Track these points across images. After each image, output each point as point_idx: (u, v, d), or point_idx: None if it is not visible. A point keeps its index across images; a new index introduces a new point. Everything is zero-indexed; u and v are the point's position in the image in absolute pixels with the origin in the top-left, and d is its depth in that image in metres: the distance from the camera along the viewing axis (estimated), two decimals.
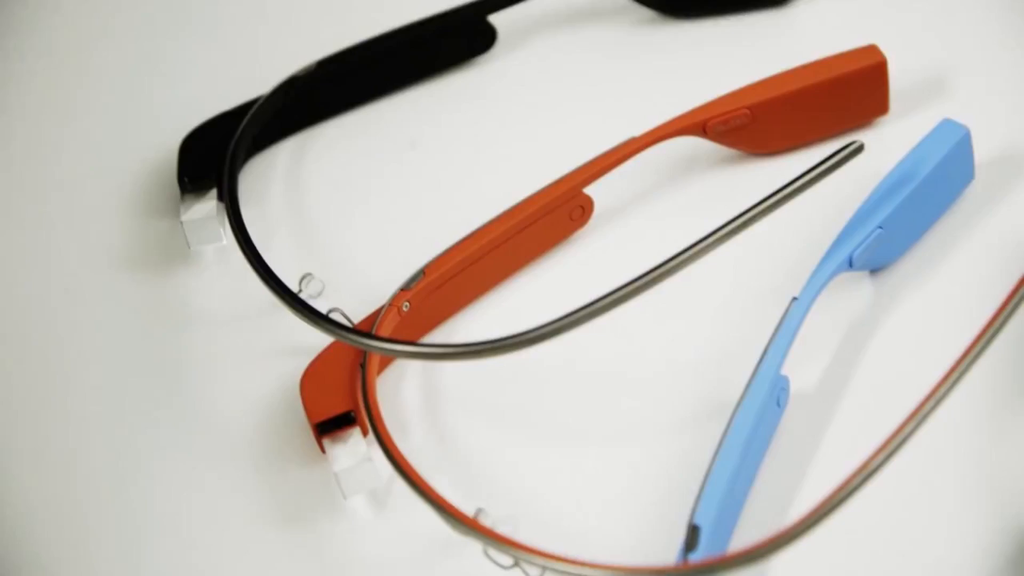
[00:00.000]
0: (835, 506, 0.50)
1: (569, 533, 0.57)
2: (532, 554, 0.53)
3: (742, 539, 0.55)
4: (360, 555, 0.58)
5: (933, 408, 0.51)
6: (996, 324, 0.53)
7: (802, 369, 0.61)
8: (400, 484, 0.57)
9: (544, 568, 0.53)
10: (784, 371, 0.59)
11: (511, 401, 0.62)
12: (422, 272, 0.62)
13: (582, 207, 0.66)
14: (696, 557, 0.53)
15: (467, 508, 0.55)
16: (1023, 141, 0.68)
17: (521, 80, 0.74)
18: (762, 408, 0.57)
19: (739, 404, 0.57)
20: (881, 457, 0.50)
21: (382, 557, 0.58)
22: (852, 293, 0.64)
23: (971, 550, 0.56)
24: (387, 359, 0.62)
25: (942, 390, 0.51)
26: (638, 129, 0.67)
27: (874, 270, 0.64)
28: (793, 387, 0.60)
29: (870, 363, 0.62)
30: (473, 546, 0.55)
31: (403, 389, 0.63)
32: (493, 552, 0.54)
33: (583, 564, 0.52)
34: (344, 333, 0.59)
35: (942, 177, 0.64)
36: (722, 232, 0.57)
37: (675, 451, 0.59)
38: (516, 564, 0.55)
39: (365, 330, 0.61)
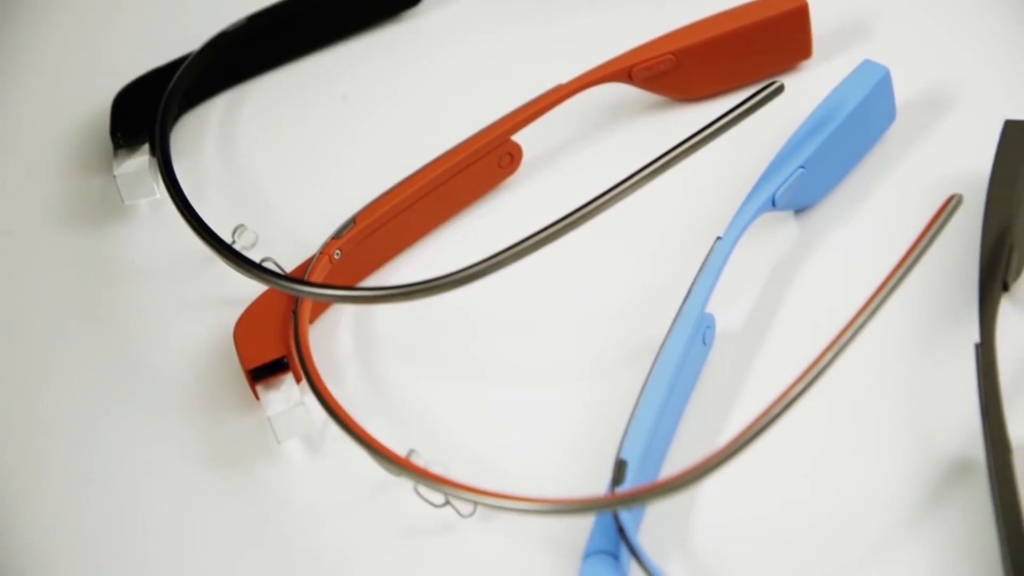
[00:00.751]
0: (755, 435, 0.50)
1: (501, 473, 0.57)
2: (462, 490, 0.53)
3: (670, 473, 0.56)
4: (295, 498, 0.59)
5: (850, 339, 0.52)
6: (911, 257, 0.54)
7: (728, 308, 0.62)
8: (334, 429, 0.57)
9: (475, 503, 0.54)
10: (710, 310, 0.59)
11: (443, 346, 0.63)
12: (353, 220, 0.63)
13: (511, 154, 0.66)
14: (623, 490, 0.53)
15: (400, 450, 0.56)
16: (944, 81, 0.68)
17: (450, 32, 0.75)
18: (687, 345, 0.57)
19: (664, 342, 0.58)
20: (800, 386, 0.51)
21: (317, 500, 0.58)
22: (777, 233, 0.64)
23: (895, 479, 0.57)
24: (320, 307, 0.63)
25: (859, 321, 0.52)
26: (566, 77, 0.67)
27: (799, 210, 0.65)
28: (720, 325, 0.60)
29: (795, 301, 0.62)
30: (406, 487, 0.56)
31: (337, 336, 0.63)
32: (424, 491, 0.55)
33: (512, 498, 0.52)
34: (275, 280, 0.59)
35: (863, 117, 0.64)
36: (644, 173, 0.57)
37: (604, 390, 0.60)
38: (447, 503, 0.55)
39: (297, 277, 0.61)
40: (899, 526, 0.55)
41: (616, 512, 0.53)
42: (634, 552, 0.52)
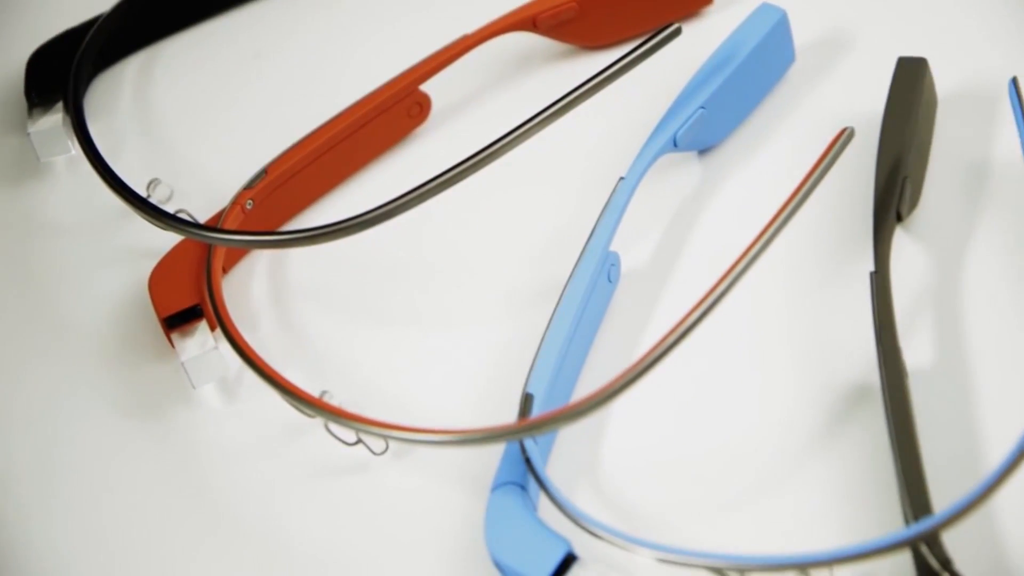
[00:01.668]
0: (650, 364, 0.51)
1: (414, 412, 0.58)
2: (372, 425, 0.54)
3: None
4: (212, 442, 0.59)
5: (744, 268, 0.52)
6: (804, 189, 0.55)
7: (634, 247, 0.62)
8: (249, 375, 0.57)
9: (385, 439, 0.54)
10: (616, 249, 0.60)
11: (357, 291, 0.64)
12: (264, 171, 0.63)
13: (419, 104, 0.67)
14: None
15: (313, 392, 0.56)
16: (841, 23, 0.69)
17: None
18: (592, 282, 0.58)
19: (569, 280, 0.58)
20: (695, 315, 0.52)
21: (233, 443, 0.59)
22: (681, 173, 0.65)
23: (796, 405, 0.58)
24: (235, 256, 0.63)
25: (753, 251, 0.53)
26: (472, 28, 0.67)
27: (702, 151, 0.65)
28: (626, 264, 0.61)
29: (699, 238, 0.63)
30: (321, 429, 0.57)
31: (252, 286, 0.64)
32: (337, 429, 0.55)
33: (420, 431, 0.53)
34: (187, 229, 0.59)
35: (762, 59, 0.65)
36: (544, 116, 0.58)
37: (514, 329, 0.60)
38: (359, 441, 0.56)
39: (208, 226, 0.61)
40: (800, 449, 0.56)
41: (522, 444, 0.53)
42: (540, 481, 0.52)
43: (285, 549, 0.56)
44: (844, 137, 0.56)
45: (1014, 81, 0.58)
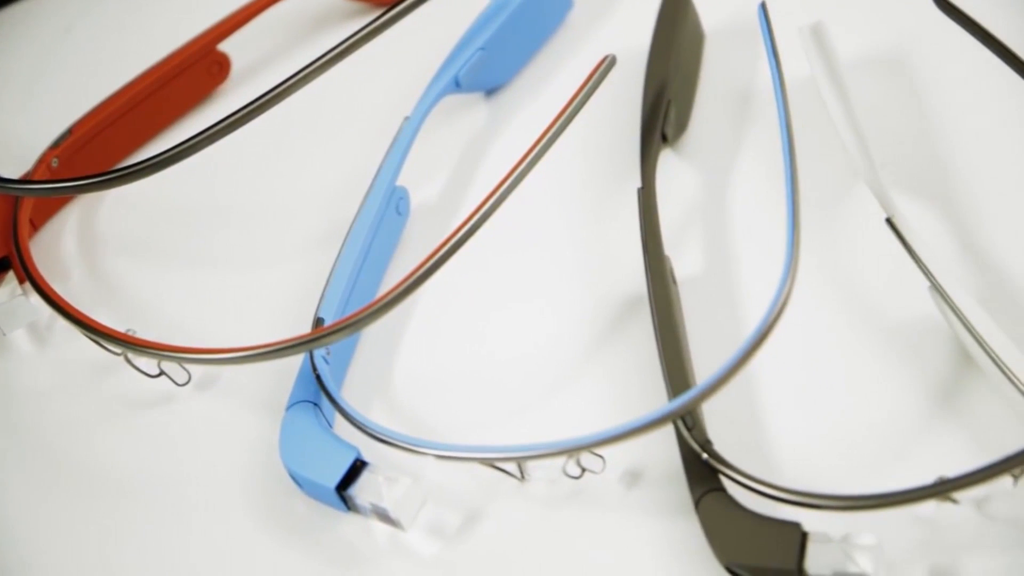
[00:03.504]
0: (421, 277, 0.53)
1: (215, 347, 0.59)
2: (169, 351, 0.55)
3: (374, 327, 0.58)
4: (24, 386, 0.60)
5: (510, 188, 0.54)
6: (568, 112, 0.57)
7: (425, 183, 0.64)
8: (61, 322, 0.59)
9: (181, 362, 0.56)
10: (406, 184, 0.62)
11: (160, 238, 0.65)
12: (69, 131, 0.65)
13: (219, 63, 0.69)
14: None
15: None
16: None
17: None
18: (379, 215, 0.60)
19: (357, 213, 0.60)
20: (463, 231, 0.53)
21: (45, 385, 0.60)
22: (470, 113, 0.67)
23: (574, 316, 0.60)
24: (45, 211, 0.65)
25: (518, 171, 0.55)
26: None
27: (489, 92, 0.68)
28: (417, 199, 0.63)
29: (485, 173, 0.65)
30: (128, 367, 0.58)
31: (63, 239, 0.65)
32: (140, 363, 0.56)
33: (214, 351, 0.55)
34: None
35: (538, 4, 0.68)
36: (327, 58, 0.59)
37: (308, 264, 0.62)
38: (161, 373, 0.57)
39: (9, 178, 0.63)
40: (579, 358, 0.58)
41: (313, 363, 0.55)
42: (327, 392, 0.54)
43: (98, 480, 0.57)
44: (605, 64, 0.58)
45: (763, 7, 0.60)
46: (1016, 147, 0.61)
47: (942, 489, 0.47)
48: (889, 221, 0.55)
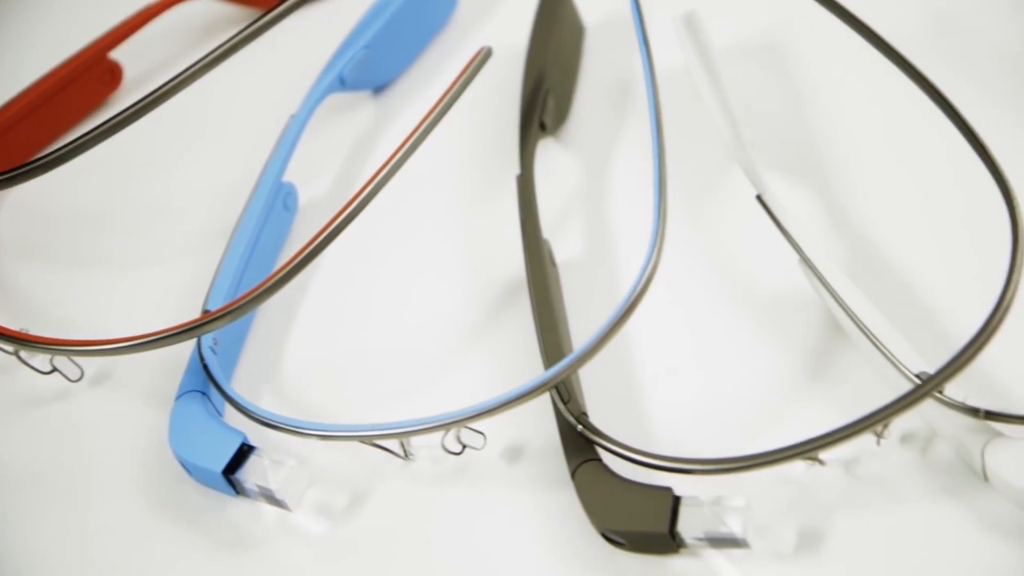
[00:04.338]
0: (299, 266, 0.54)
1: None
2: (57, 344, 0.56)
3: (263, 319, 0.60)
4: None
5: (386, 177, 0.55)
6: (443, 103, 0.58)
7: (313, 179, 0.65)
8: None
9: (70, 355, 0.56)
10: (295, 181, 0.63)
11: (55, 240, 0.66)
12: None
13: (111, 72, 0.70)
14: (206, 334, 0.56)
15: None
16: None
17: None
18: (266, 210, 0.61)
19: (244, 208, 0.61)
20: (340, 220, 0.54)
21: None
22: (357, 111, 0.69)
23: (458, 300, 0.61)
24: None
25: (394, 160, 0.56)
26: None
27: (376, 89, 0.69)
28: (306, 195, 0.64)
29: (374, 169, 0.65)
30: (24, 367, 0.58)
31: None
32: (33, 360, 0.57)
33: (101, 342, 0.55)
34: None
35: (422, 3, 0.69)
36: (212, 56, 0.60)
37: (201, 261, 0.62)
38: (54, 369, 0.58)
39: None
40: (463, 340, 0.59)
41: (201, 354, 0.56)
42: (216, 384, 0.55)
43: None
44: (481, 56, 0.59)
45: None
46: (881, 125, 0.63)
47: (805, 448, 0.48)
48: (759, 198, 0.57)
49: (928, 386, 0.48)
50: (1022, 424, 0.49)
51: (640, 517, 0.49)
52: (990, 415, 0.49)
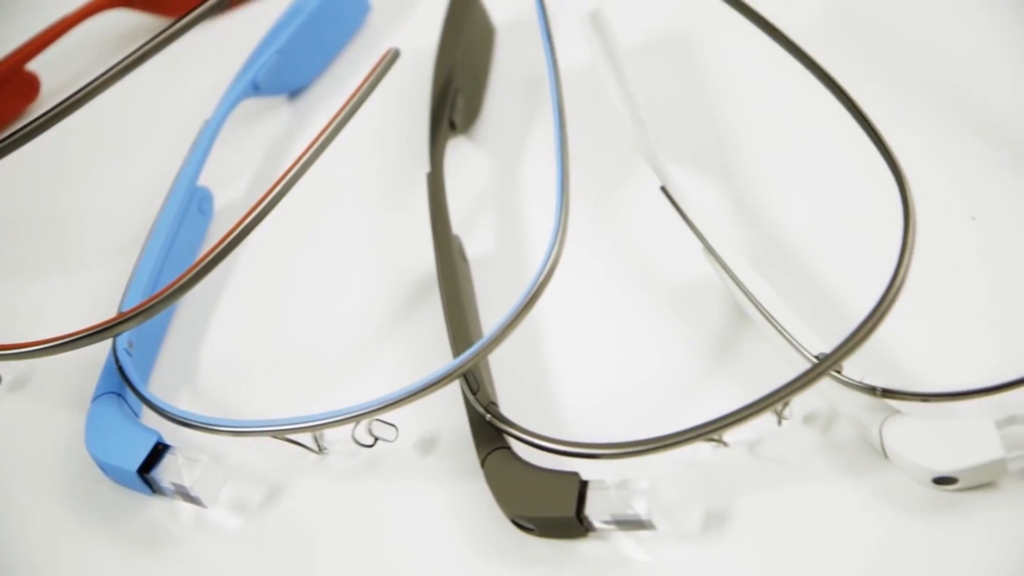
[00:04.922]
0: (209, 265, 0.54)
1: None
2: None
3: (180, 321, 0.61)
4: None
5: (295, 178, 0.56)
6: (350, 105, 0.58)
7: (230, 184, 0.66)
8: None
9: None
10: (210, 185, 0.63)
11: None
12: None
13: (28, 83, 0.70)
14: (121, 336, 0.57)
15: None
16: None
17: None
18: (181, 214, 0.61)
19: (159, 213, 0.61)
20: (247, 221, 0.55)
21: None
22: (273, 115, 0.69)
23: (372, 298, 0.62)
24: None
25: (303, 160, 0.57)
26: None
27: (291, 94, 0.69)
28: (222, 199, 0.64)
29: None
30: None
31: None
32: None
33: (19, 346, 0.56)
34: None
35: (334, 8, 0.69)
36: (116, 69, 0.61)
37: (116, 268, 0.62)
38: None
39: None
40: (377, 337, 0.60)
41: (116, 356, 0.56)
42: (131, 385, 0.55)
43: None
44: (388, 57, 0.60)
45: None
46: (782, 117, 0.63)
47: (707, 429, 0.49)
48: (663, 189, 0.57)
49: (825, 364, 0.48)
50: (918, 401, 0.50)
51: (548, 503, 0.50)
52: (887, 393, 0.50)
